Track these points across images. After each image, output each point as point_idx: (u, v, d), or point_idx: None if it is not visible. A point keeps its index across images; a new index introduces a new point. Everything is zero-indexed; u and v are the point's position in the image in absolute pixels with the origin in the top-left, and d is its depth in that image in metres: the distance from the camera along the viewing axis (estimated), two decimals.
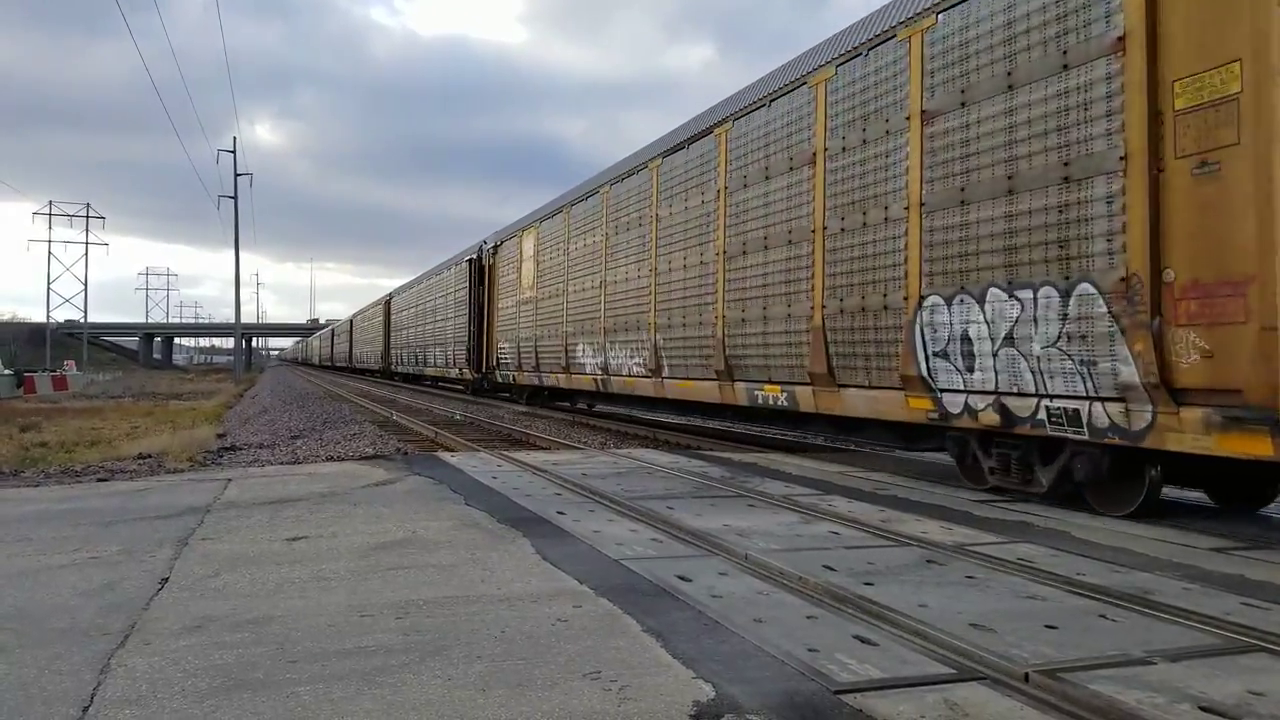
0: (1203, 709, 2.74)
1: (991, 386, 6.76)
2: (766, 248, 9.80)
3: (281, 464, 9.80)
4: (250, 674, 3.05)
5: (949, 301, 7.20)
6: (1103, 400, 5.89)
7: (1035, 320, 6.40)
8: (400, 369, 37.74)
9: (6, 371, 41.05)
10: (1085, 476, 6.28)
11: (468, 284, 23.78)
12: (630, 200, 13.78)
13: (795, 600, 4.01)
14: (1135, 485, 6.12)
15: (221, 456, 11.00)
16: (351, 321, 59.62)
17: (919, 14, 7.59)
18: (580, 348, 15.61)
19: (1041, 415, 6.31)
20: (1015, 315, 6.57)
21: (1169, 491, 6.62)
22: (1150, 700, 2.79)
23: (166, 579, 4.34)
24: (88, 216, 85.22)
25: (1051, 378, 6.26)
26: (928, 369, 7.39)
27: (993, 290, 6.79)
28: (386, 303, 41.24)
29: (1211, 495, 6.83)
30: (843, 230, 8.50)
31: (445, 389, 31.78)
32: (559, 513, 6.16)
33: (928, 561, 4.75)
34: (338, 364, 67.23)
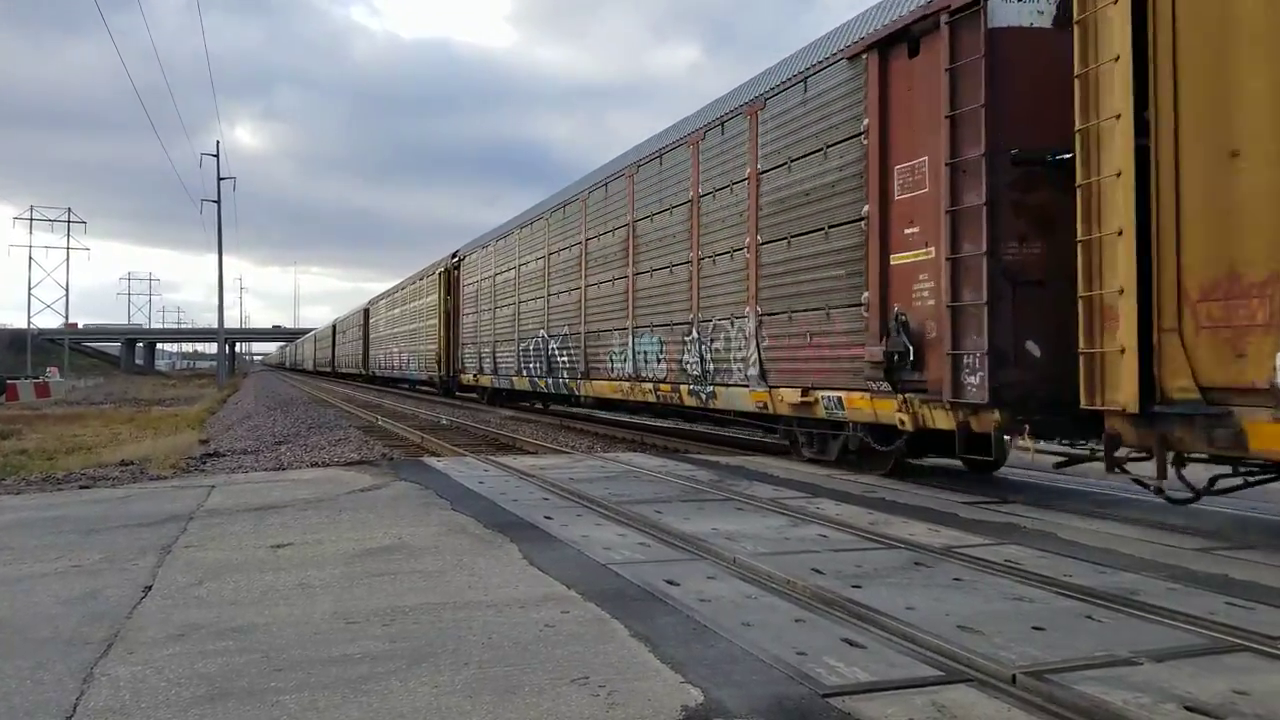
0: (1188, 709, 2.75)
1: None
2: None
3: (266, 470, 9.73)
4: (235, 683, 3.02)
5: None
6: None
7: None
8: (480, 381, 21.87)
9: None
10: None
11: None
12: None
13: (783, 603, 4.01)
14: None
15: (205, 463, 10.91)
16: (366, 311, 42.37)
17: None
18: None
19: None
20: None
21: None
22: (1136, 700, 2.80)
23: (150, 587, 4.30)
24: (69, 221, 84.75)
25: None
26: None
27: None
28: (447, 273, 25.40)
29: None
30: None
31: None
32: (546, 517, 6.14)
33: (915, 564, 4.76)
34: (343, 369, 51.54)
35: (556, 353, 16.10)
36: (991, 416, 6.71)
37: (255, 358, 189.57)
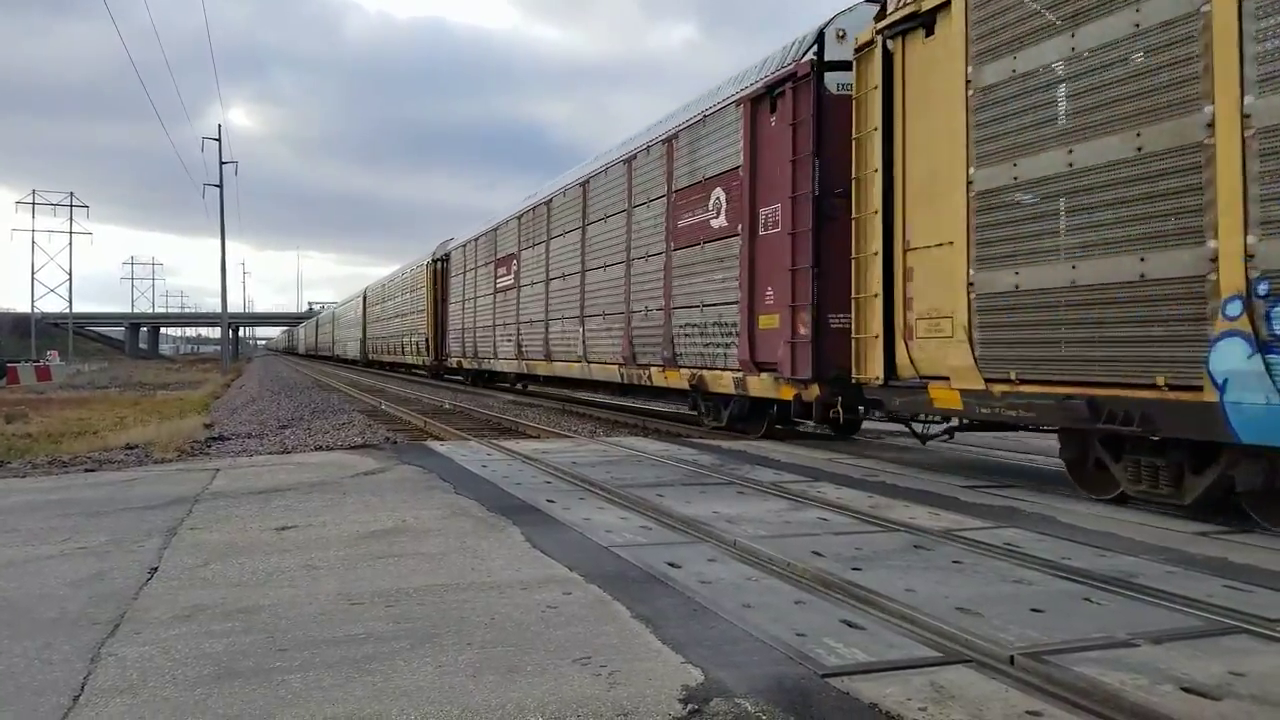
0: (1185, 690, 2.78)
1: None
2: None
3: (270, 454, 9.77)
4: (241, 662, 3.05)
5: None
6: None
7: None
8: None
9: None
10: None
11: None
12: None
13: (783, 586, 4.04)
14: None
15: (209, 446, 10.95)
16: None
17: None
18: None
19: None
20: None
21: None
22: (1133, 681, 2.83)
23: (156, 569, 4.34)
24: (71, 205, 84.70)
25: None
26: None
27: None
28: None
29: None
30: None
31: None
32: (549, 501, 6.17)
33: (915, 547, 4.78)
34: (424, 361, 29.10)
35: None
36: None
37: (259, 342, 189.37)
